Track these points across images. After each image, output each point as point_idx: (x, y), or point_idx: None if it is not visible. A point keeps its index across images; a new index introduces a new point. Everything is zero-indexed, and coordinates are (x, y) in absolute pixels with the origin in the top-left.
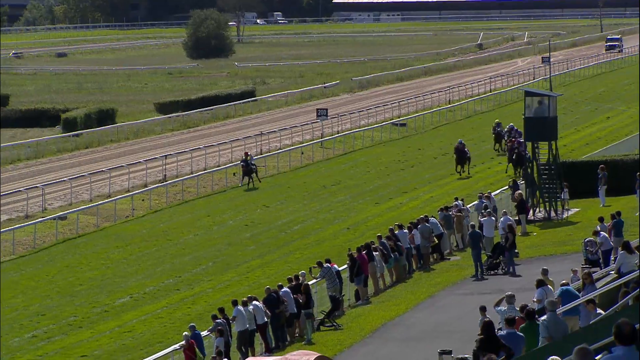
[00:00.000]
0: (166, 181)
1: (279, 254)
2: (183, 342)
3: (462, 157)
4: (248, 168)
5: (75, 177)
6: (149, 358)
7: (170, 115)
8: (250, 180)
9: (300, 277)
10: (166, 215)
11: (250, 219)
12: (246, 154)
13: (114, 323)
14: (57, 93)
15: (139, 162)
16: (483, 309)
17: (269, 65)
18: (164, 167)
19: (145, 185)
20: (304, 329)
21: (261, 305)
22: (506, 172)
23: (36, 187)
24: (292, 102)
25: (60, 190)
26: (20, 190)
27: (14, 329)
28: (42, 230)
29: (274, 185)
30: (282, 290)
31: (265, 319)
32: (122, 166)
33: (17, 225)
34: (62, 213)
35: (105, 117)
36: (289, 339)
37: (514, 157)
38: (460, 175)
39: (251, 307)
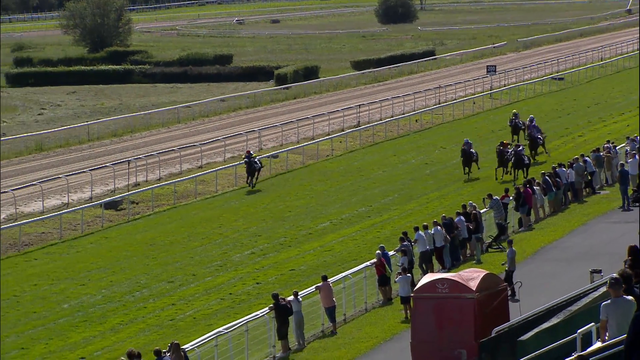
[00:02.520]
0: (360, 126)
1: (454, 187)
2: (375, 260)
3: (468, 158)
4: (252, 167)
5: (285, 123)
6: (345, 272)
7: (364, 71)
8: (251, 178)
9: (469, 207)
10: (359, 154)
11: (430, 159)
12: (248, 152)
13: (316, 243)
14: (271, 53)
15: (337, 110)
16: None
17: (447, 29)
18: (358, 114)
19: (342, 130)
20: (474, 251)
21: (441, 229)
22: (496, 179)
23: (253, 130)
24: (465, 60)
25: (273, 133)
26: (240, 134)
27: (236, 247)
28: None
29: (450, 130)
30: (457, 218)
31: (443, 242)
32: (323, 114)
33: (236, 162)
34: (274, 152)
35: (310, 73)
36: (462, 259)
37: (512, 160)
38: (469, 176)
39: (432, 231)
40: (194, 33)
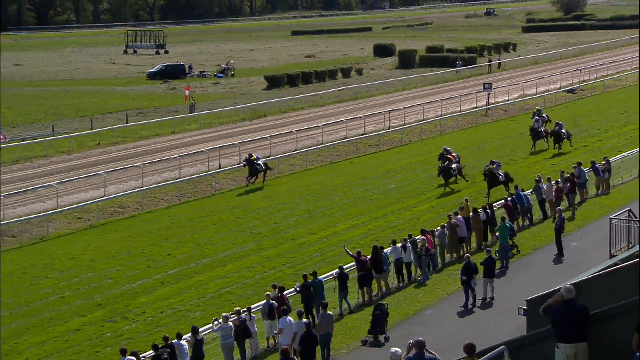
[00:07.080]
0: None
1: None
2: None
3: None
4: (253, 168)
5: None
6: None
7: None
8: (256, 178)
9: None
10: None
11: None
12: (250, 155)
13: (613, 133)
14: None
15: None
16: None
17: None
18: None
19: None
20: None
21: None
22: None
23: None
24: None
25: (625, 61)
26: (603, 63)
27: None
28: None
29: None
30: None
31: None
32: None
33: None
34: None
35: None
36: None
37: (486, 175)
38: (451, 189)
39: None
40: (616, 4)
